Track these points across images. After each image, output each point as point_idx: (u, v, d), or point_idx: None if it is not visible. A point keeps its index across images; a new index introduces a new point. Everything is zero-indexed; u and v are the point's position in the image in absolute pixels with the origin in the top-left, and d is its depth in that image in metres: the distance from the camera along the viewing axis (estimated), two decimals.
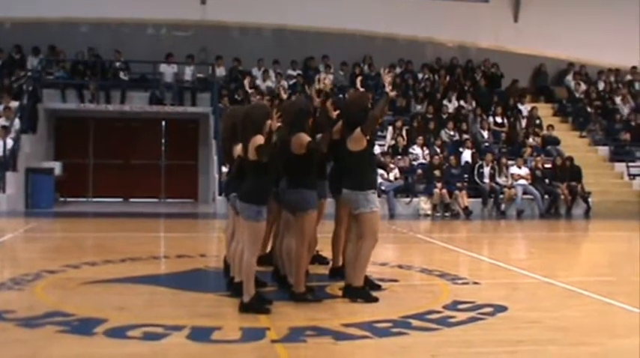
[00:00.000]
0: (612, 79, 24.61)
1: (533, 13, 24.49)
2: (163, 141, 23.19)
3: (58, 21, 21.70)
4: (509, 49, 24.34)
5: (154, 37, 22.40)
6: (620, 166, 21.16)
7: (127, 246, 11.57)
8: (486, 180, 18.77)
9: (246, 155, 6.72)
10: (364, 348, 5.65)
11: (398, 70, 22.92)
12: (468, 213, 17.99)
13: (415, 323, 6.38)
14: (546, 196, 18.91)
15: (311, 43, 22.95)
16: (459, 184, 18.42)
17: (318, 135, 7.18)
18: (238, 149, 6.94)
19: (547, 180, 19.21)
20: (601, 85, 24.34)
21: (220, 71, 22.00)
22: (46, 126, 20.95)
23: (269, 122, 6.58)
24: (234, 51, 22.30)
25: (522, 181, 18.80)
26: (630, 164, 21.12)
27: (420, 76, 23.01)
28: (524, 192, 18.70)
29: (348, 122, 7.28)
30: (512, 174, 18.93)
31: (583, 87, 24.00)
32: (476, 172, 18.87)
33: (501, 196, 18.57)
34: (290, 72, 22.44)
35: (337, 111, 7.89)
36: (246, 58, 22.25)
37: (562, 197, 18.89)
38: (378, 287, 7.83)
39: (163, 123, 22.97)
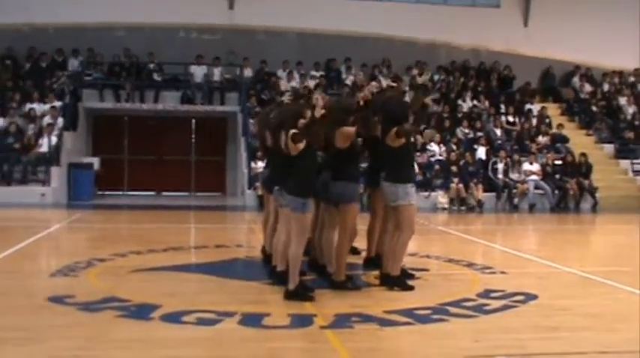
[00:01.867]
0: (616, 80, 24.35)
1: (542, 18, 24.25)
2: (193, 138, 23.14)
3: (96, 26, 21.65)
4: (519, 52, 24.12)
5: (185, 40, 22.30)
6: (625, 163, 20.94)
7: (166, 236, 11.54)
8: (500, 176, 18.63)
9: (288, 150, 6.66)
10: (410, 334, 5.56)
11: (415, 72, 22.74)
12: (480, 205, 17.88)
13: (453, 310, 6.30)
14: (556, 191, 18.74)
15: (332, 46, 22.80)
16: (474, 179, 18.29)
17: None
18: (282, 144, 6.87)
19: (557, 176, 19.02)
20: (606, 86, 24.10)
21: (247, 72, 21.92)
22: (85, 124, 20.96)
23: (308, 112, 6.56)
24: (260, 53, 22.21)
25: (534, 177, 18.64)
26: (634, 161, 20.90)
27: (436, 77, 22.83)
28: (536, 187, 18.54)
29: (386, 118, 7.18)
30: (524, 170, 18.76)
31: (588, 88, 23.79)
32: (490, 168, 18.74)
33: (514, 191, 18.43)
34: (313, 73, 22.32)
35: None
36: (272, 60, 22.17)
37: (571, 192, 18.71)
38: (412, 276, 7.75)
39: (193, 121, 22.92)
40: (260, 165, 18.21)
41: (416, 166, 18.11)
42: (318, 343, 5.25)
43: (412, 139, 7.45)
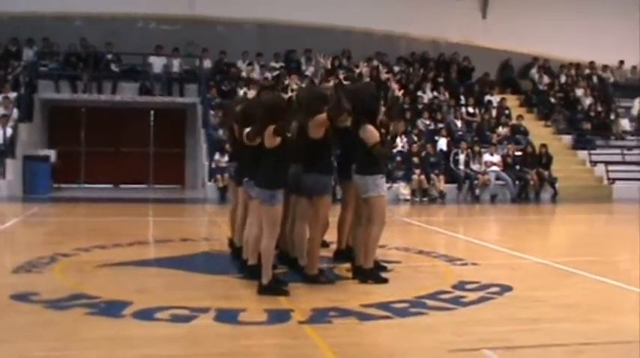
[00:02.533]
0: (573, 72, 24.62)
1: (500, 10, 24.37)
2: (152, 129, 22.75)
3: (53, 15, 21.09)
4: (477, 44, 24.21)
5: (144, 30, 21.83)
6: (583, 154, 21.21)
7: (130, 230, 11.26)
8: (461, 167, 18.69)
9: (262, 142, 6.49)
10: (390, 328, 5.43)
11: (375, 63, 22.65)
12: (442, 196, 17.92)
13: (430, 303, 6.20)
14: (517, 182, 18.86)
15: (292, 37, 22.59)
16: (436, 171, 18.30)
17: None
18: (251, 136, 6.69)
19: (517, 167, 19.15)
20: (563, 79, 24.35)
21: (207, 63, 21.61)
22: (40, 116, 20.41)
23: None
24: (219, 44, 21.90)
25: (495, 168, 18.76)
26: (591, 152, 21.19)
27: (396, 68, 22.76)
28: (497, 178, 18.68)
29: (358, 111, 7.03)
30: (485, 161, 18.85)
31: (546, 80, 24.01)
32: (452, 159, 18.79)
33: (475, 182, 18.49)
34: (273, 64, 22.11)
35: None
36: (231, 51, 21.90)
37: (532, 183, 18.84)
38: (385, 269, 7.64)
39: (152, 112, 22.53)
40: (221, 157, 18.03)
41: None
42: (298, 339, 5.09)
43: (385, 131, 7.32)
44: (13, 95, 18.88)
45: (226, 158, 17.90)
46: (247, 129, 6.61)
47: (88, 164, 22.03)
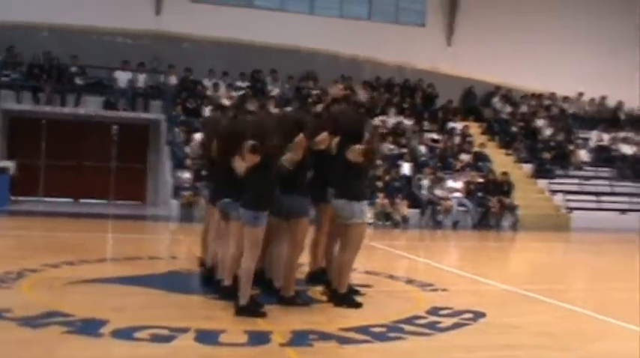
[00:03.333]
0: (534, 102, 25.12)
1: (465, 39, 24.82)
2: (114, 144, 22.49)
3: (18, 25, 20.82)
4: (442, 71, 24.57)
5: (110, 44, 21.68)
6: (543, 183, 21.62)
7: (96, 246, 11.16)
8: (424, 192, 18.88)
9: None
10: (371, 353, 5.48)
11: (340, 86, 22.85)
12: (405, 221, 18.05)
13: (407, 328, 6.27)
14: (479, 208, 19.11)
15: (258, 57, 22.67)
16: (399, 195, 18.45)
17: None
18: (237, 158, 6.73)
19: (480, 194, 19.41)
20: (524, 108, 24.81)
21: (172, 80, 21.54)
22: (0, 126, 20.08)
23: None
24: (185, 61, 21.84)
25: (457, 194, 19.00)
26: (551, 181, 21.62)
27: (361, 92, 22.97)
28: (459, 204, 18.89)
29: (345, 133, 7.10)
30: (448, 187, 19.09)
31: (508, 109, 24.44)
32: (415, 184, 18.95)
33: (438, 207, 18.68)
34: (239, 83, 22.14)
35: None
36: (197, 68, 21.86)
37: (493, 210, 19.12)
38: (358, 293, 7.68)
39: (115, 127, 22.30)
40: (183, 174, 17.96)
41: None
42: None
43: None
44: None
45: (188, 175, 17.91)
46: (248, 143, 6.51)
47: (48, 177, 21.61)
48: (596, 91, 25.72)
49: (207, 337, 5.58)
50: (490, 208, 19.09)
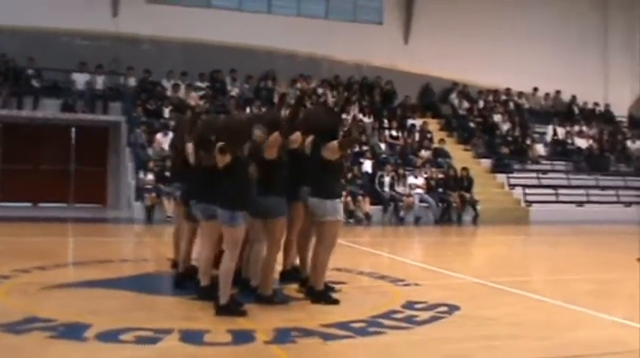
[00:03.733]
0: (490, 98, 25.53)
1: (422, 36, 25.13)
2: (73, 147, 22.29)
3: None
4: (399, 68, 24.81)
5: (67, 45, 21.39)
6: (501, 177, 22.00)
7: (64, 250, 11.10)
8: (386, 189, 19.07)
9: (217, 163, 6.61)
10: (355, 347, 5.60)
11: (299, 85, 22.98)
12: (368, 218, 18.20)
13: (386, 322, 6.39)
14: (440, 204, 19.38)
15: (216, 57, 22.62)
16: (361, 192, 18.61)
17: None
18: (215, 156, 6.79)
19: (440, 190, 19.68)
20: (481, 104, 25.20)
21: (131, 81, 21.40)
22: None
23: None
24: (144, 62, 21.68)
25: (419, 190, 19.23)
26: (509, 175, 22.01)
27: (320, 91, 23.10)
28: (421, 200, 19.12)
29: (319, 131, 7.20)
30: (409, 184, 19.32)
31: (466, 104, 24.80)
32: (377, 181, 19.13)
33: (400, 204, 18.89)
34: (198, 84, 22.09)
35: None
36: (156, 69, 21.73)
37: (454, 205, 19.41)
38: (333, 290, 7.79)
39: (73, 129, 22.09)
40: (145, 176, 17.86)
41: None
42: None
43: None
44: None
45: (151, 176, 17.83)
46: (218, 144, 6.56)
47: (5, 181, 21.35)
48: (551, 87, 26.28)
49: (192, 337, 5.63)
50: (451, 203, 19.38)
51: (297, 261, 8.19)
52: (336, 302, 7.25)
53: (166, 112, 20.35)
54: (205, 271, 7.09)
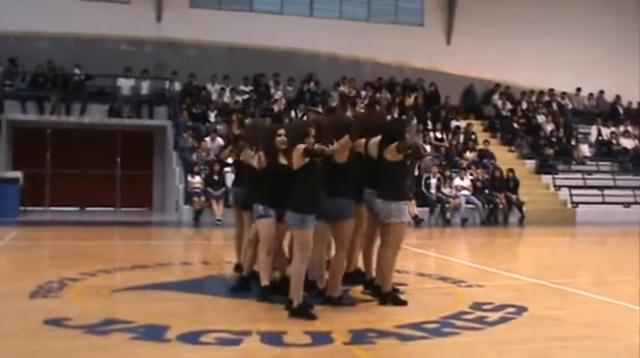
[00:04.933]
0: (534, 99, 25.38)
1: (464, 37, 25.08)
2: (119, 152, 22.66)
3: (19, 35, 20.93)
4: (441, 70, 24.80)
5: (112, 51, 21.75)
6: (547, 178, 21.87)
7: (125, 253, 11.33)
8: (433, 191, 19.07)
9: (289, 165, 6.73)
10: (433, 347, 5.66)
11: (341, 88, 23.01)
12: (417, 221, 18.18)
13: (458, 323, 6.44)
14: (486, 205, 19.32)
15: (260, 61, 22.84)
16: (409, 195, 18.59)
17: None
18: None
19: (486, 191, 19.62)
20: (524, 105, 25.06)
21: (176, 86, 21.67)
22: (6, 137, 20.14)
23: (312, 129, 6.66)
24: (188, 67, 21.98)
25: (465, 192, 19.21)
26: (555, 176, 21.86)
27: (363, 93, 23.12)
28: (467, 202, 19.09)
29: (387, 135, 7.28)
30: (455, 186, 19.30)
31: (509, 106, 24.67)
32: (423, 184, 19.13)
33: (447, 206, 18.88)
34: (242, 87, 22.29)
35: None
36: (200, 73, 21.99)
37: (500, 206, 19.34)
38: (398, 291, 7.85)
39: (120, 134, 22.44)
40: (193, 179, 18.06)
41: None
42: None
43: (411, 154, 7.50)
44: None
45: (198, 179, 18.02)
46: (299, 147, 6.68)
47: (54, 186, 21.78)
48: (594, 87, 26.04)
49: (272, 339, 5.72)
50: (497, 205, 19.31)
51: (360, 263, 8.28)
52: (404, 303, 7.31)
53: (212, 116, 20.59)
54: (264, 272, 7.23)
